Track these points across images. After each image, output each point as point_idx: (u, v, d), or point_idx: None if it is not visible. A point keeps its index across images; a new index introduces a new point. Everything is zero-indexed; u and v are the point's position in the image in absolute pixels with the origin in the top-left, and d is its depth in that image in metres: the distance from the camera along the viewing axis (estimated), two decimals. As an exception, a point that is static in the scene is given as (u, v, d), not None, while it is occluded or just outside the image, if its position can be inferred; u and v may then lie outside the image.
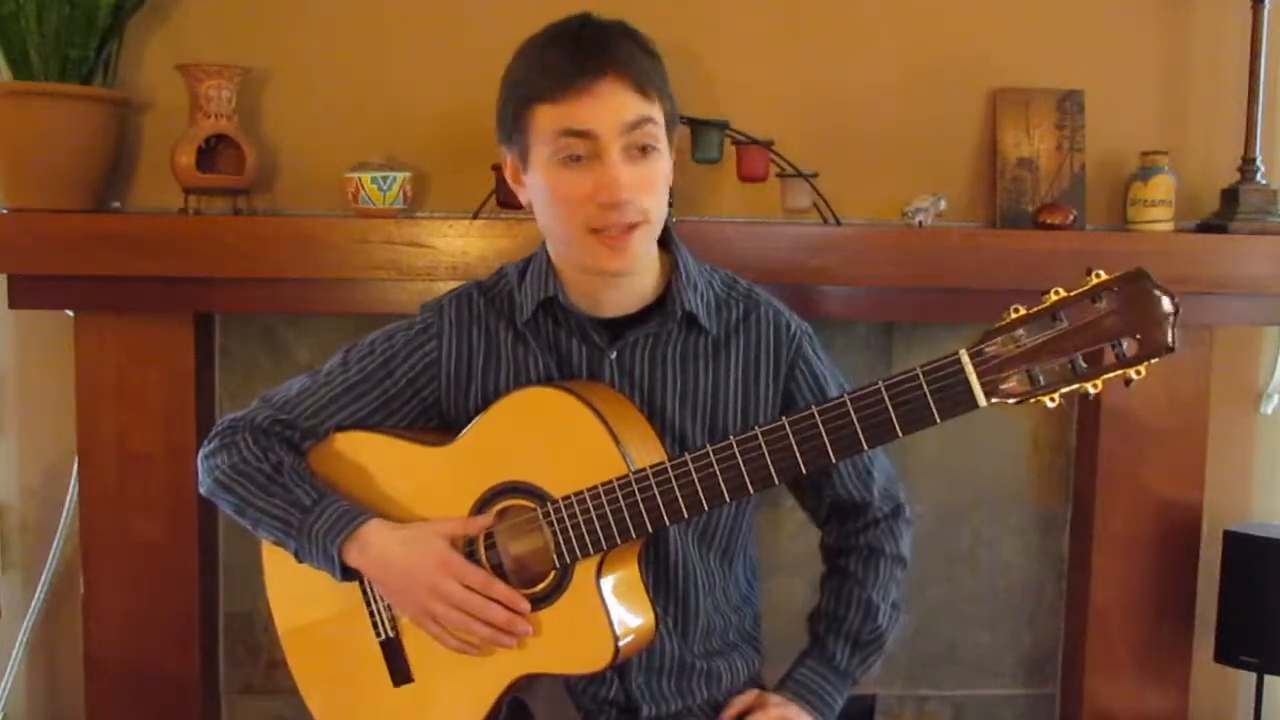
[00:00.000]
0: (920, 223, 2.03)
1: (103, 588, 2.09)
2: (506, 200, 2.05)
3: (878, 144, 2.16)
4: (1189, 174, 2.17)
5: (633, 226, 1.34)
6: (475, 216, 2.02)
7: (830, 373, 1.52)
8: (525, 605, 1.37)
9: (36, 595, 2.17)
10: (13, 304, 1.99)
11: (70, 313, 2.06)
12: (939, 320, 2.16)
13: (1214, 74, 2.20)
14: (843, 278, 1.99)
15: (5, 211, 1.96)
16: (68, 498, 2.15)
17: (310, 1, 2.10)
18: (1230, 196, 2.13)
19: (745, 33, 2.14)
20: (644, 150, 1.34)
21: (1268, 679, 2.14)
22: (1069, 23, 2.18)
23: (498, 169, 2.04)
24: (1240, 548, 2.12)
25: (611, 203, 1.32)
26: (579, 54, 1.32)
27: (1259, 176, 2.12)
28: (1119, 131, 2.19)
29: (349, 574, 1.42)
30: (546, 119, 1.33)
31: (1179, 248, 2.04)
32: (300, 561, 1.45)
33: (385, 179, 1.98)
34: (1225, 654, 2.13)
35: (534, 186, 1.39)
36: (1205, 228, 2.15)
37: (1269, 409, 2.31)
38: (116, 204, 2.12)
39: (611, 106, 1.31)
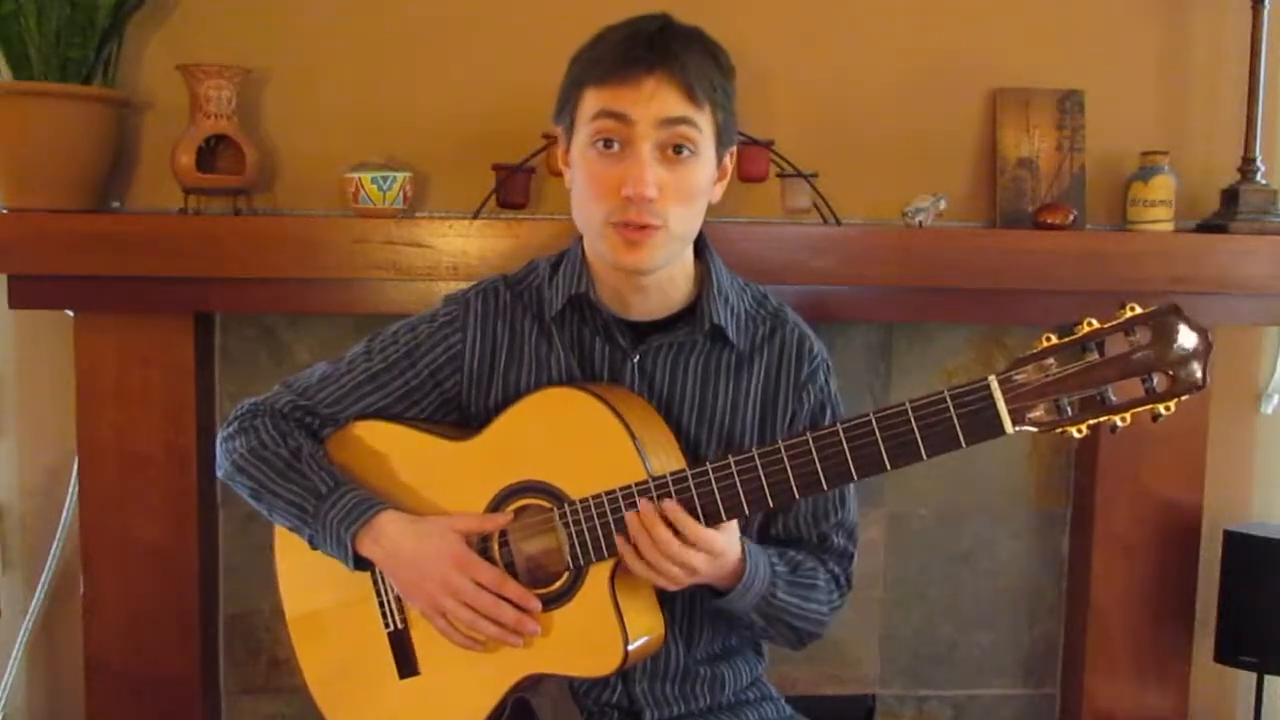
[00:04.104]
0: (920, 223, 2.03)
1: (103, 588, 2.09)
2: (507, 200, 2.05)
3: (878, 144, 2.16)
4: (1189, 174, 2.17)
5: (647, 228, 1.33)
6: (475, 216, 2.02)
7: (835, 406, 1.51)
8: (536, 605, 1.37)
9: (36, 595, 2.17)
10: (13, 304, 1.99)
11: (70, 313, 2.06)
12: (939, 320, 2.16)
13: (1214, 74, 2.21)
14: (843, 278, 1.99)
15: (5, 211, 1.96)
16: (68, 498, 2.14)
17: (310, 2, 2.10)
18: (1230, 196, 2.13)
19: (745, 33, 2.13)
20: (679, 152, 1.33)
21: (1268, 679, 2.14)
22: (1069, 23, 2.19)
23: (498, 169, 2.04)
24: (1240, 548, 2.12)
25: (633, 196, 1.31)
26: (637, 46, 1.33)
27: (1259, 176, 2.12)
28: (1119, 131, 2.19)
29: (361, 563, 1.43)
30: (591, 101, 1.34)
31: (1179, 248, 2.04)
32: (314, 548, 1.45)
33: (385, 179, 1.97)
34: (1225, 654, 2.13)
35: (573, 170, 1.40)
36: (1205, 228, 2.15)
37: (1269, 409, 2.31)
38: (116, 204, 2.12)
39: (654, 100, 1.31)
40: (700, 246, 1.47)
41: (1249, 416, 2.32)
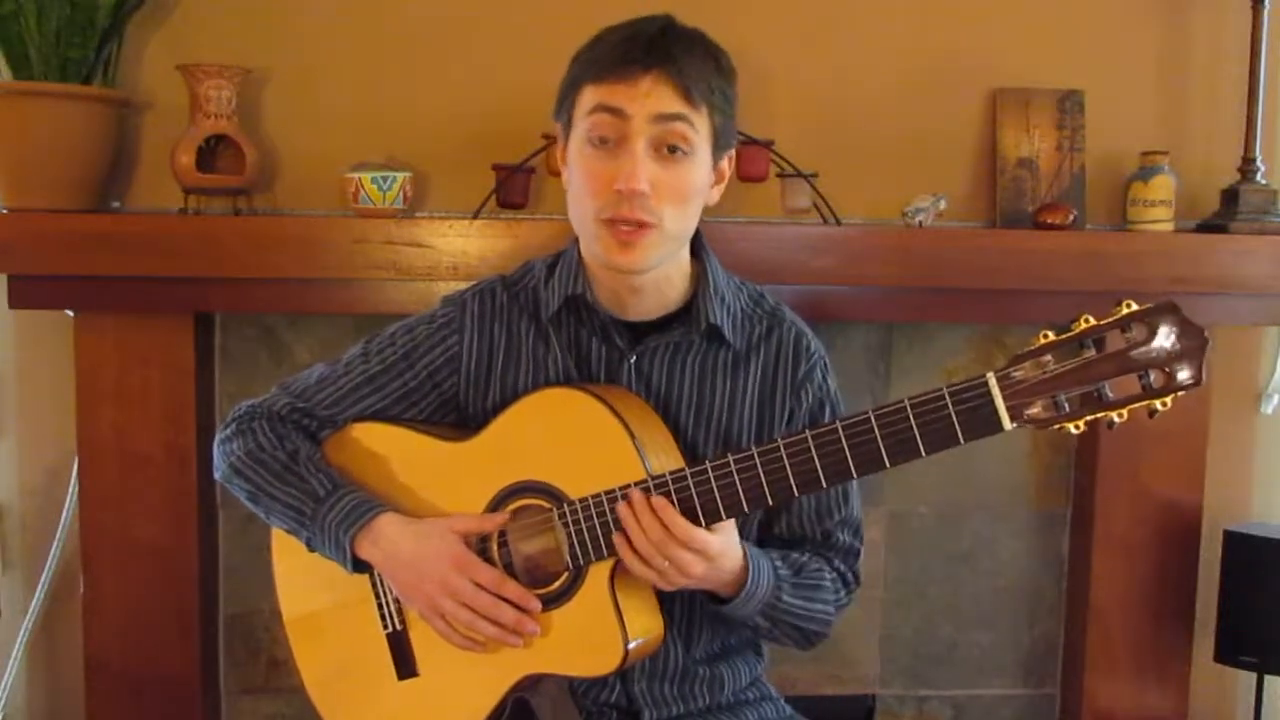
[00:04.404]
0: (920, 223, 2.03)
1: (103, 588, 2.09)
2: (507, 200, 2.05)
3: (878, 144, 2.16)
4: (1189, 174, 2.17)
5: (642, 226, 1.33)
6: (475, 216, 2.02)
7: (834, 404, 1.51)
8: (536, 605, 1.37)
9: (36, 595, 2.17)
10: (13, 304, 1.98)
11: (70, 313, 2.06)
12: (939, 320, 2.16)
13: (1214, 74, 2.21)
14: (843, 278, 1.99)
15: (5, 211, 1.96)
16: (68, 498, 2.14)
17: (310, 2, 2.10)
18: (1230, 196, 2.13)
19: (745, 33, 2.13)
20: (673, 151, 1.34)
21: (1268, 679, 2.14)
22: (1069, 23, 2.18)
23: (498, 169, 2.04)
24: (1240, 548, 2.12)
25: (625, 190, 1.31)
26: (636, 46, 1.34)
27: (1259, 176, 2.12)
28: (1119, 131, 2.19)
29: (360, 566, 1.43)
30: (588, 98, 1.35)
31: (1179, 248, 2.04)
32: (311, 550, 1.45)
33: (385, 179, 1.97)
34: (1225, 654, 2.13)
35: (569, 168, 1.40)
36: (1205, 228, 2.15)
37: (1269, 409, 2.31)
38: (116, 204, 2.12)
39: (650, 97, 1.32)
40: (696, 246, 1.47)
41: (1249, 416, 2.32)
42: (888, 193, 2.11)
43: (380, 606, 1.47)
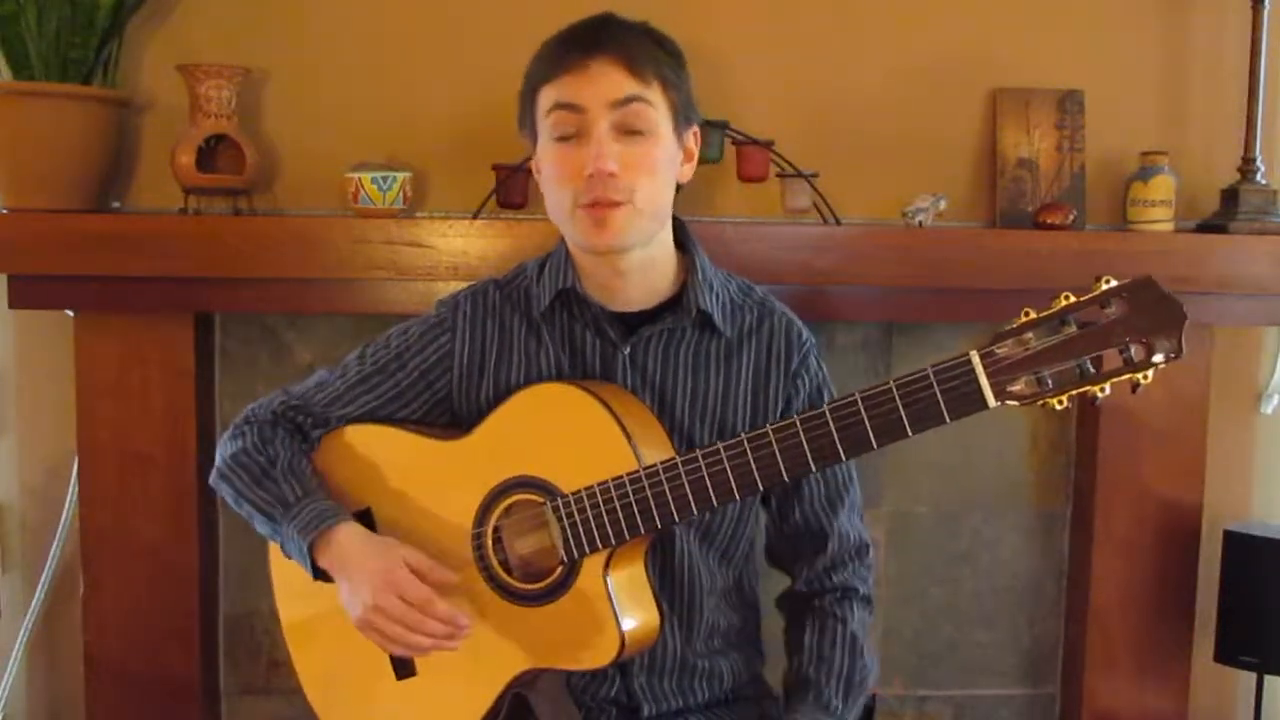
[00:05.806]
0: (920, 223, 2.03)
1: (103, 588, 2.09)
2: (506, 200, 2.05)
3: (878, 144, 2.16)
4: (1189, 174, 2.16)
5: (616, 204, 1.35)
6: (475, 216, 2.02)
7: (829, 389, 1.53)
8: (464, 622, 1.36)
9: (36, 595, 2.17)
10: (13, 304, 1.99)
11: (70, 313, 2.06)
12: (939, 320, 2.16)
13: (1214, 74, 2.20)
14: (843, 278, 1.99)
15: (5, 211, 1.96)
16: (68, 498, 2.14)
17: (310, 1, 2.10)
18: (1230, 196, 2.13)
19: (745, 33, 2.14)
20: (634, 132, 1.36)
21: (1268, 679, 2.14)
22: (1069, 23, 2.18)
23: (498, 169, 2.04)
24: (1240, 548, 2.12)
25: (597, 173, 1.34)
26: (578, 37, 1.38)
27: (1259, 176, 2.12)
28: (1119, 131, 2.19)
29: (321, 573, 1.42)
30: (546, 98, 1.39)
31: (1179, 248, 2.04)
32: (287, 557, 1.45)
33: (385, 179, 1.98)
34: (1225, 654, 2.13)
35: (541, 169, 1.43)
36: (1205, 228, 2.15)
37: (1269, 409, 2.31)
38: (116, 204, 2.12)
39: (601, 83, 1.35)
40: (682, 238, 1.49)
41: (1249, 416, 2.32)
42: (888, 193, 2.11)
43: None
